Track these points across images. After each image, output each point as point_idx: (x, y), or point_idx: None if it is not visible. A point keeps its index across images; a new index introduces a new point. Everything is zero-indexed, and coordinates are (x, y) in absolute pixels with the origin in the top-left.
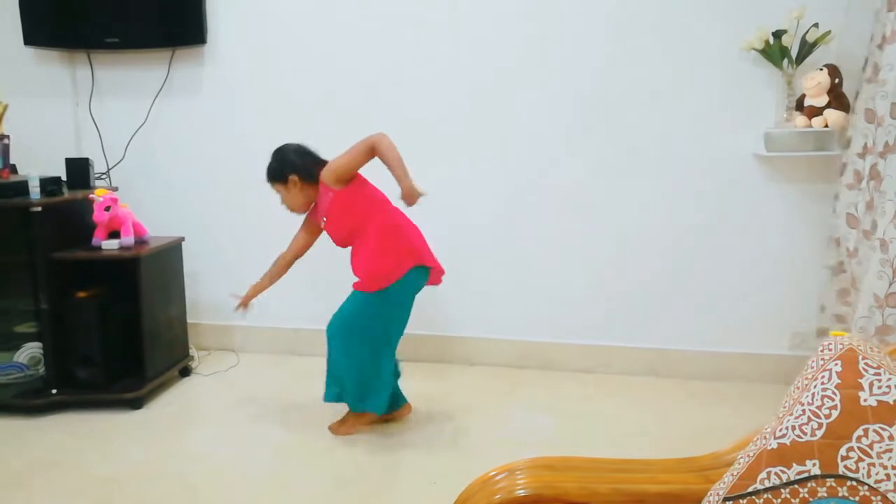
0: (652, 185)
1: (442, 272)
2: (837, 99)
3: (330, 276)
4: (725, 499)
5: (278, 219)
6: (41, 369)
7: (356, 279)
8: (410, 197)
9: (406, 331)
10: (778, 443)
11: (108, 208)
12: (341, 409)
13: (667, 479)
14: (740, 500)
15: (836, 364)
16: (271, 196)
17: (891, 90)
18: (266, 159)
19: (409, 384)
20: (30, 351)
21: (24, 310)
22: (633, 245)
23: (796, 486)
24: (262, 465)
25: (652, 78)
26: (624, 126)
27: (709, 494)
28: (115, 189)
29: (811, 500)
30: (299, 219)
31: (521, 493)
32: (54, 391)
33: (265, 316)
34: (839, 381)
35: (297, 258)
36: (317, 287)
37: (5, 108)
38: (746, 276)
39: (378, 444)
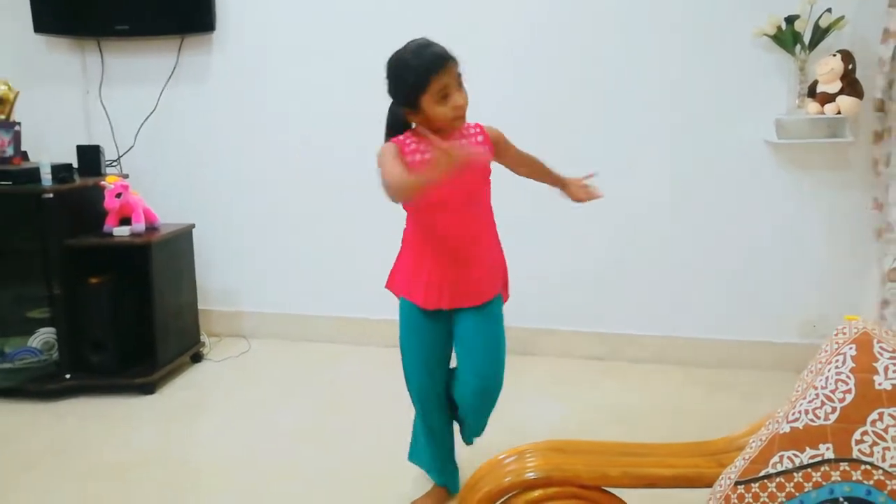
0: (661, 171)
1: None
2: (850, 85)
3: (342, 262)
4: (737, 482)
5: (288, 205)
6: (54, 354)
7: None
8: None
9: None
10: (791, 427)
11: (119, 195)
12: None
13: (678, 462)
14: (752, 484)
15: (851, 348)
16: (280, 181)
17: None
18: (273, 144)
19: None
20: (43, 336)
21: (37, 295)
22: (642, 232)
23: (809, 469)
24: (273, 450)
25: (662, 64)
26: (633, 112)
27: (720, 478)
28: (126, 176)
29: (824, 483)
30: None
31: (530, 475)
32: (67, 376)
33: (276, 302)
34: (854, 365)
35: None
36: (329, 273)
37: (16, 95)
38: (756, 263)
39: (388, 430)
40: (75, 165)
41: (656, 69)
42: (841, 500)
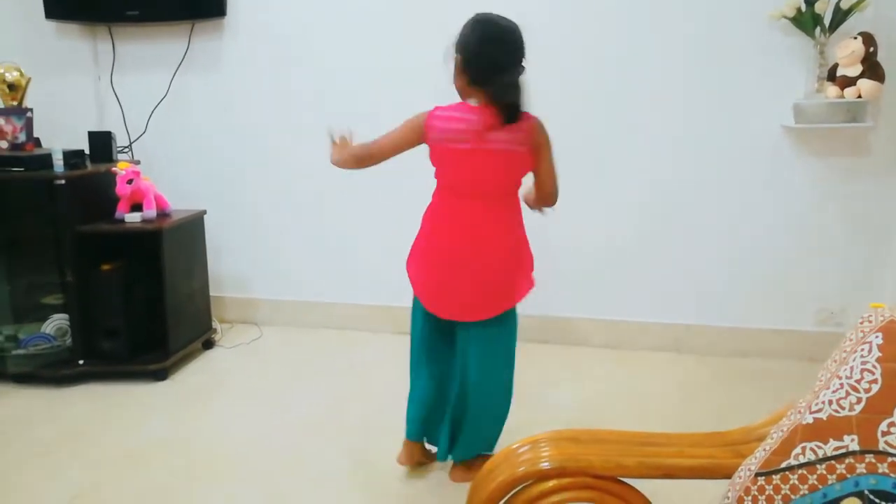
0: (677, 158)
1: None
2: (872, 68)
3: (355, 249)
4: (758, 474)
5: (301, 192)
6: (68, 340)
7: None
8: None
9: None
10: (814, 417)
11: (130, 181)
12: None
13: (695, 453)
14: (774, 476)
15: (877, 336)
16: (292, 168)
17: None
18: (285, 130)
19: None
20: (56, 322)
21: (50, 282)
22: (656, 219)
23: (833, 461)
24: (285, 438)
25: (678, 47)
26: (649, 97)
27: (740, 469)
28: (138, 162)
29: (849, 476)
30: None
31: (545, 465)
32: (80, 362)
33: (288, 289)
34: (880, 354)
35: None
36: (342, 260)
37: (28, 81)
38: (773, 250)
39: (402, 420)
40: (87, 152)
41: (673, 52)
42: (866, 492)
